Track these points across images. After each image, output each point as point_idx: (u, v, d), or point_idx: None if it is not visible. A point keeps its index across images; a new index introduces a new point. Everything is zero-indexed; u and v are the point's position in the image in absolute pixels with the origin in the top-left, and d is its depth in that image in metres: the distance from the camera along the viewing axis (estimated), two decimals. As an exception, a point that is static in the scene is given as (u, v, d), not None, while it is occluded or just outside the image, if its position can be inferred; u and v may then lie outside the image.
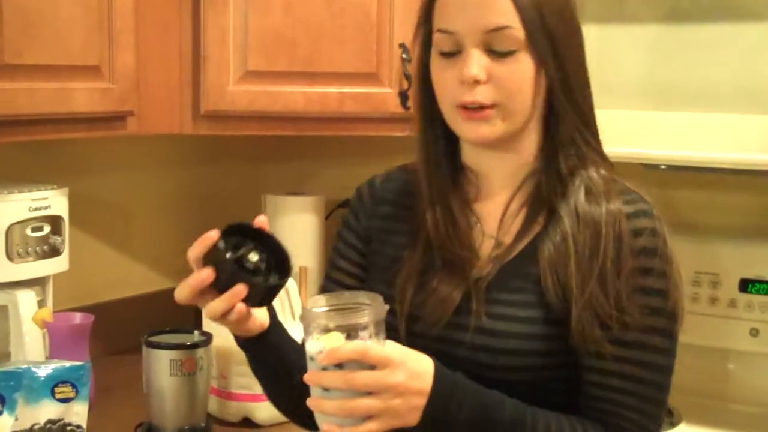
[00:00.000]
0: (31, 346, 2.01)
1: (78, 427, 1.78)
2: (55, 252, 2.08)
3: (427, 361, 1.31)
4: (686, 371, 2.26)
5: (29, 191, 2.03)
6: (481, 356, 1.37)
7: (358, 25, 2.19)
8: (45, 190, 2.06)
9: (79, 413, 1.79)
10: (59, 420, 1.76)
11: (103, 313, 2.24)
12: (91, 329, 2.07)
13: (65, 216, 2.10)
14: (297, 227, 2.55)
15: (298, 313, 1.52)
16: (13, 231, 1.99)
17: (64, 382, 1.77)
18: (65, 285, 2.21)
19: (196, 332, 1.94)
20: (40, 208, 2.04)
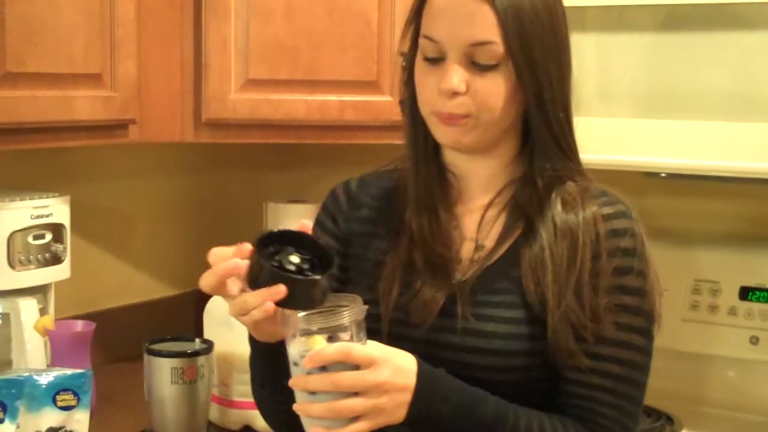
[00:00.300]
0: (33, 354, 2.01)
1: (79, 434, 1.79)
2: (56, 260, 2.08)
3: (410, 358, 1.32)
4: (686, 379, 2.28)
5: (31, 199, 2.03)
6: (467, 357, 1.39)
7: (358, 33, 2.20)
8: (47, 197, 2.06)
9: (80, 421, 1.79)
10: (60, 428, 1.77)
11: (105, 320, 2.24)
12: (93, 337, 2.07)
13: (67, 224, 2.11)
14: (298, 235, 2.55)
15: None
16: (15, 239, 2.00)
17: (65, 389, 1.77)
18: (67, 293, 2.21)
19: (198, 340, 1.94)
20: (41, 216, 2.04)
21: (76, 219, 2.16)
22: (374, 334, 1.33)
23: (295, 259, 1.29)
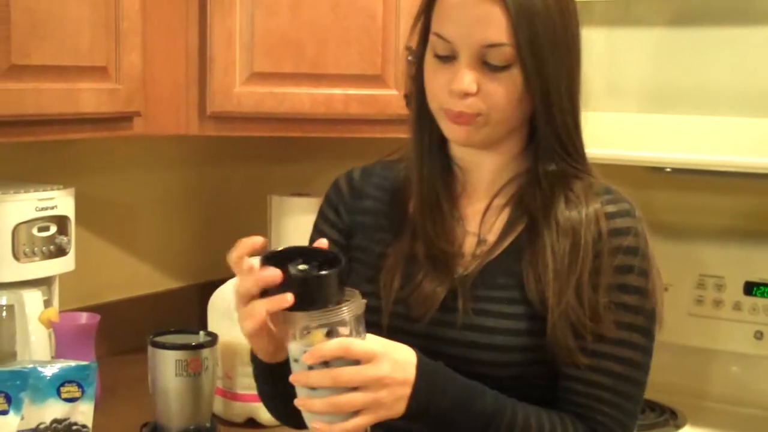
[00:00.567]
0: (37, 346, 2.02)
1: (83, 426, 1.79)
2: (61, 252, 2.08)
3: (409, 351, 1.32)
4: (691, 374, 2.28)
5: (36, 191, 2.03)
6: (467, 352, 1.39)
7: (363, 27, 2.19)
8: (51, 190, 2.06)
9: (84, 413, 1.79)
10: (65, 419, 1.77)
11: (109, 313, 2.24)
12: (97, 329, 2.07)
13: (71, 216, 2.11)
14: (302, 228, 2.53)
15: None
16: (20, 231, 2.00)
17: (70, 381, 1.77)
18: (71, 285, 2.21)
19: (202, 332, 1.95)
20: (46, 208, 2.04)
21: (81, 211, 2.16)
22: (374, 327, 1.33)
23: (301, 267, 1.28)
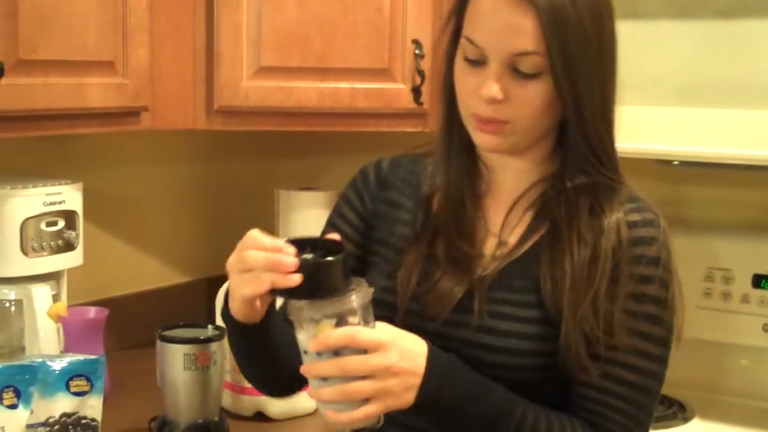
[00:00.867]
0: (46, 340, 2.02)
1: (93, 420, 1.79)
2: (69, 246, 2.09)
3: (419, 342, 1.31)
4: (699, 367, 2.28)
5: (44, 186, 2.04)
6: (479, 354, 1.38)
7: (370, 21, 2.19)
8: (59, 185, 2.07)
9: (93, 407, 1.79)
10: (74, 413, 1.77)
11: (118, 307, 2.25)
12: (106, 323, 2.08)
13: (79, 211, 2.11)
14: (309, 222, 2.55)
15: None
16: (28, 226, 2.00)
17: (78, 375, 1.77)
18: (79, 279, 2.22)
19: (210, 326, 1.94)
20: (54, 203, 2.05)
21: (89, 206, 2.16)
22: (389, 323, 1.32)
23: (308, 256, 1.28)
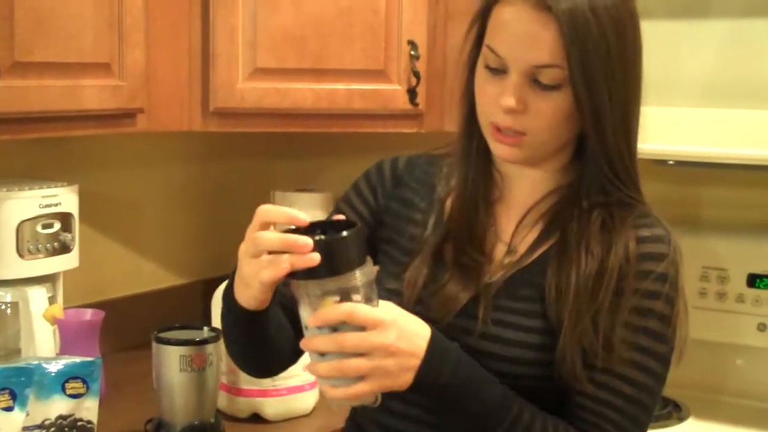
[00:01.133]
0: (42, 343, 2.02)
1: (89, 422, 1.79)
2: (65, 249, 2.09)
3: (422, 325, 1.31)
4: (694, 366, 2.26)
5: (39, 188, 2.03)
6: (481, 360, 1.37)
7: (366, 22, 2.20)
8: (55, 187, 2.07)
9: (89, 409, 1.79)
10: (70, 415, 1.77)
11: (114, 309, 2.25)
12: (101, 325, 2.08)
13: (75, 213, 2.11)
14: (305, 224, 2.55)
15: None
16: (24, 228, 2.00)
17: (74, 377, 1.78)
18: (75, 281, 2.22)
19: (206, 328, 1.95)
20: (50, 205, 2.05)
21: (85, 208, 2.16)
22: None
23: (316, 237, 1.26)
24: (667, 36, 2.06)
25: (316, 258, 1.23)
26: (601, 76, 1.33)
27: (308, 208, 2.54)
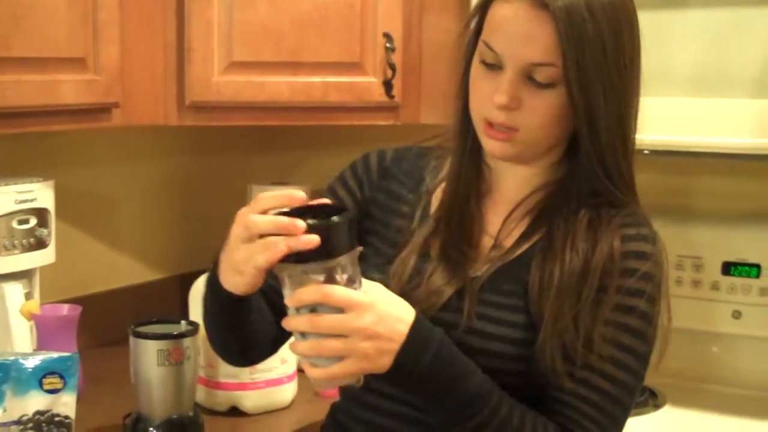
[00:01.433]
0: (19, 338, 2.01)
1: (66, 417, 1.78)
2: (41, 244, 2.08)
3: (405, 309, 1.31)
4: (670, 354, 2.29)
5: (15, 184, 2.03)
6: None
7: (341, 15, 2.19)
8: (31, 182, 2.06)
9: (67, 404, 1.79)
10: (47, 411, 1.76)
11: (91, 304, 2.24)
12: (79, 321, 2.07)
13: (51, 208, 2.10)
14: (283, 217, 2.55)
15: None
16: None
17: (52, 373, 1.77)
18: (52, 277, 2.21)
19: (183, 322, 1.94)
20: (26, 201, 2.04)
21: (61, 203, 2.15)
22: None
23: (310, 221, 1.26)
24: (652, 26, 2.07)
25: (314, 240, 1.23)
26: (596, 75, 1.33)
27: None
